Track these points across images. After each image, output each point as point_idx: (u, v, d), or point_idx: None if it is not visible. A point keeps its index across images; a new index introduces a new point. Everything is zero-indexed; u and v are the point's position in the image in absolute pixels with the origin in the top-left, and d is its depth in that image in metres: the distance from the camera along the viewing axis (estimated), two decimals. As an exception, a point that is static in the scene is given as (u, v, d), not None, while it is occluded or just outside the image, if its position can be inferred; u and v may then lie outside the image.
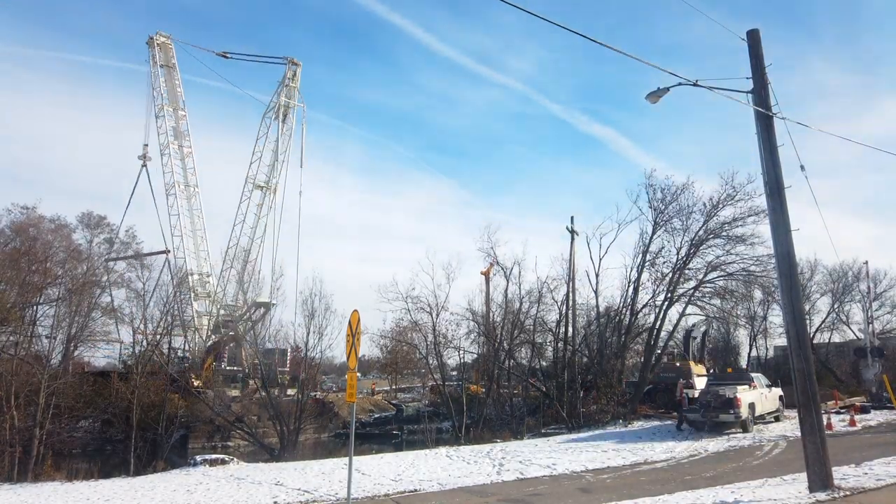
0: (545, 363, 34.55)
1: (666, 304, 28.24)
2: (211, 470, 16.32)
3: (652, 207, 28.62)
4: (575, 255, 31.27)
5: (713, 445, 17.76)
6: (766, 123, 10.69)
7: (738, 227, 26.98)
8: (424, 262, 53.06)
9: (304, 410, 29.06)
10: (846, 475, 11.13)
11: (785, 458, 14.81)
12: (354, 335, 11.17)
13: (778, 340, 43.24)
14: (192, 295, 47.16)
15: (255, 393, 36.18)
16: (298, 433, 28.67)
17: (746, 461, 14.89)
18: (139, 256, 39.81)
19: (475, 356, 37.02)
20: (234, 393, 39.42)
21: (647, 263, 28.72)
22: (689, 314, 30.39)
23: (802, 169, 11.20)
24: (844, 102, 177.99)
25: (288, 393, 34.69)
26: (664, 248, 28.68)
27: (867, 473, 11.54)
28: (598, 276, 29.87)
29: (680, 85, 11.08)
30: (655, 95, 11.57)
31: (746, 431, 19.84)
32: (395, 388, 57.07)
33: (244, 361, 44.25)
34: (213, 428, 34.71)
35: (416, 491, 12.53)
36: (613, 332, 30.52)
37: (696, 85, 10.85)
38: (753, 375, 23.01)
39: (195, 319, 46.37)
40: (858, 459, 13.29)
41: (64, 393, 26.26)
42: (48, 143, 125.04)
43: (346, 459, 14.18)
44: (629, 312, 29.41)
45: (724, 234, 27.37)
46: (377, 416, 44.92)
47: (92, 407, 30.67)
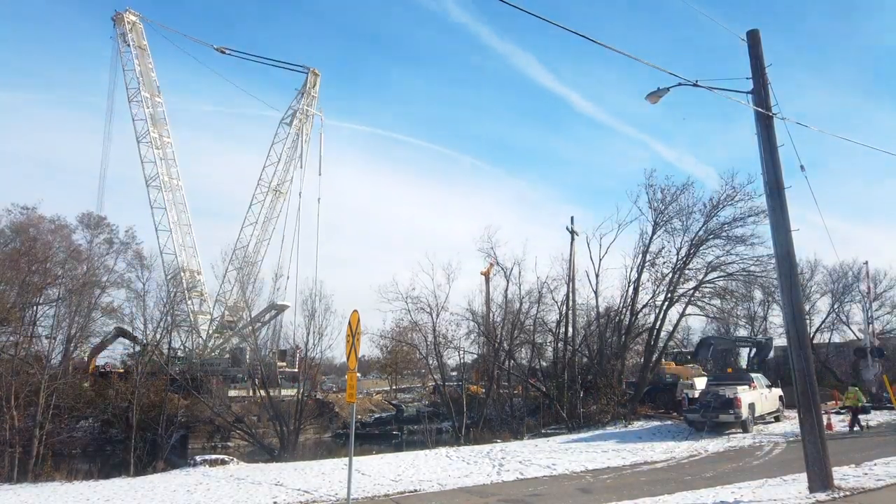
0: (545, 363, 34.56)
1: (666, 304, 28.28)
2: (211, 470, 16.31)
3: (652, 208, 28.65)
4: (575, 255, 31.32)
5: (713, 446, 17.76)
6: (766, 123, 10.69)
7: (738, 227, 27.04)
8: (424, 262, 53.13)
9: (303, 411, 29.08)
10: (846, 475, 11.13)
11: (785, 458, 14.80)
12: (354, 335, 11.17)
13: (778, 341, 43.14)
14: (185, 294, 47.06)
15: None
16: (298, 433, 28.68)
17: (746, 461, 14.88)
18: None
19: (475, 356, 37.06)
20: (233, 393, 39.45)
21: (647, 264, 28.74)
22: (689, 314, 30.45)
23: (802, 169, 11.21)
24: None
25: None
26: (664, 248, 28.72)
27: (867, 474, 11.54)
28: (598, 276, 29.92)
29: (680, 85, 11.07)
30: (655, 95, 11.57)
31: (746, 431, 19.84)
32: (394, 388, 57.06)
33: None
34: (213, 428, 34.72)
35: (416, 491, 12.52)
36: (613, 332, 30.52)
37: (696, 85, 10.85)
38: (753, 376, 23.02)
39: (191, 317, 46.29)
40: (858, 459, 13.29)
41: (64, 393, 26.28)
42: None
43: (345, 460, 14.17)
44: (629, 312, 29.42)
45: (724, 234, 27.40)
46: (377, 416, 44.92)
47: (92, 407, 30.70)
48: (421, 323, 31.97)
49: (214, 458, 17.85)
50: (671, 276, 28.10)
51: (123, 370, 37.01)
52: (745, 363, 43.66)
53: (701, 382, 24.17)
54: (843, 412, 24.81)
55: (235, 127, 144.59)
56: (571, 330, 30.83)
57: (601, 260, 29.51)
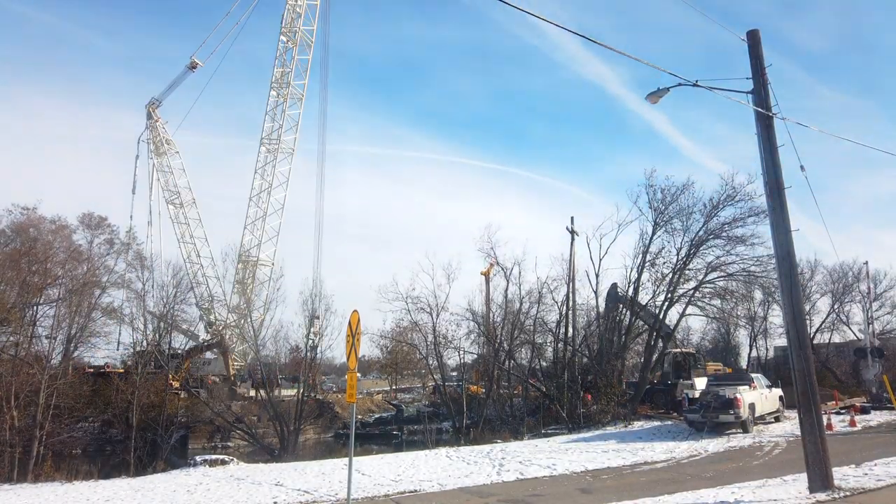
0: (545, 363, 34.55)
1: (666, 304, 28.29)
2: (211, 470, 16.31)
3: (652, 208, 28.64)
4: (575, 255, 31.32)
5: (713, 446, 17.75)
6: (766, 124, 10.68)
7: (738, 227, 27.04)
8: (424, 262, 53.05)
9: (303, 411, 29.09)
10: (846, 475, 11.12)
11: (785, 458, 14.79)
12: (354, 335, 11.17)
13: (778, 341, 43.22)
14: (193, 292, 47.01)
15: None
16: (298, 433, 28.69)
17: (746, 462, 14.88)
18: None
19: (475, 356, 37.05)
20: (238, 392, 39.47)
21: (647, 264, 28.74)
22: (689, 314, 30.47)
23: (802, 169, 11.20)
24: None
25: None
26: (664, 248, 28.70)
27: (867, 474, 11.54)
28: (598, 276, 29.91)
29: (680, 85, 11.08)
30: (655, 96, 11.58)
31: (746, 432, 19.82)
32: (395, 388, 57.07)
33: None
34: (213, 428, 34.74)
35: (416, 491, 12.52)
36: (613, 332, 30.52)
37: (696, 85, 10.86)
38: (753, 376, 23.01)
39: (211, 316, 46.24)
40: (858, 460, 13.28)
41: (64, 393, 26.28)
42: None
43: (345, 460, 14.17)
44: (629, 313, 29.42)
45: (724, 234, 27.39)
46: (377, 416, 44.94)
47: (92, 407, 30.70)
48: (421, 323, 32.03)
49: (214, 458, 17.84)
50: (671, 276, 28.12)
51: (123, 370, 37.03)
52: (745, 363, 43.80)
53: (701, 382, 24.16)
54: (843, 412, 24.83)
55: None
56: (571, 330, 30.86)
57: (601, 260, 29.55)
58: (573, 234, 31.30)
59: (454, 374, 39.93)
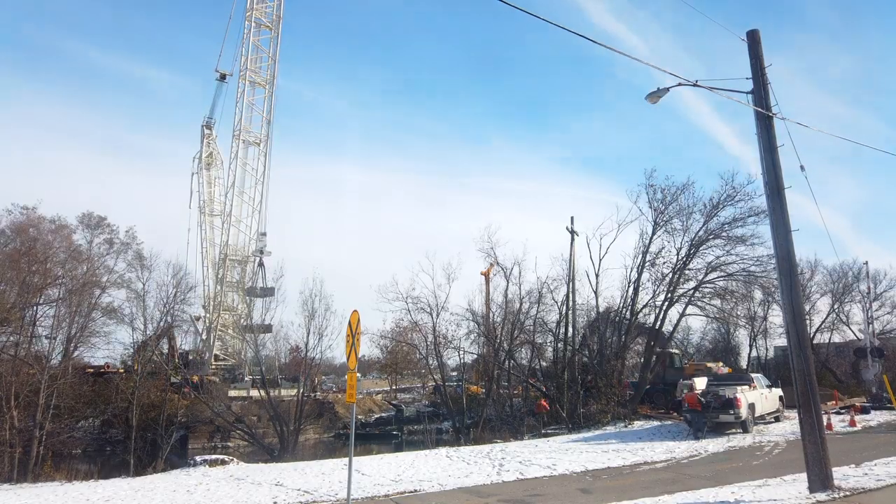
0: (545, 363, 34.56)
1: (666, 304, 28.29)
2: (211, 470, 16.30)
3: (652, 208, 28.63)
4: (575, 255, 31.30)
5: (713, 446, 17.75)
6: (766, 124, 10.69)
7: (738, 227, 27.06)
8: (424, 262, 53.05)
9: (303, 411, 29.10)
10: (846, 475, 11.13)
11: (785, 458, 14.80)
12: (354, 335, 11.16)
13: (778, 341, 43.24)
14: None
15: None
16: (298, 433, 28.70)
17: (746, 461, 14.88)
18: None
19: (475, 356, 37.04)
20: (233, 394, 39.46)
21: (647, 264, 28.73)
22: (689, 314, 30.46)
23: (802, 169, 11.20)
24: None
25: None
26: (664, 248, 28.69)
27: (867, 474, 11.55)
28: (598, 276, 29.87)
29: (680, 85, 11.10)
30: (655, 96, 11.59)
31: (746, 432, 19.83)
32: (394, 388, 57.08)
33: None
34: (212, 428, 34.77)
35: (416, 491, 12.51)
36: (613, 332, 30.52)
37: (696, 85, 10.87)
38: (753, 376, 23.03)
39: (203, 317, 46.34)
40: (858, 459, 13.29)
41: (64, 393, 26.29)
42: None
43: (345, 460, 14.17)
44: (629, 312, 29.43)
45: (724, 234, 27.42)
46: (377, 416, 44.97)
47: (92, 407, 30.72)
48: (421, 323, 32.02)
49: (214, 458, 17.83)
50: (671, 276, 28.12)
51: (123, 370, 37.04)
52: (745, 363, 43.81)
53: (701, 382, 24.16)
54: (843, 412, 24.83)
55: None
56: (571, 330, 30.84)
57: (601, 260, 29.52)
58: (573, 233, 31.29)
59: (454, 374, 39.94)
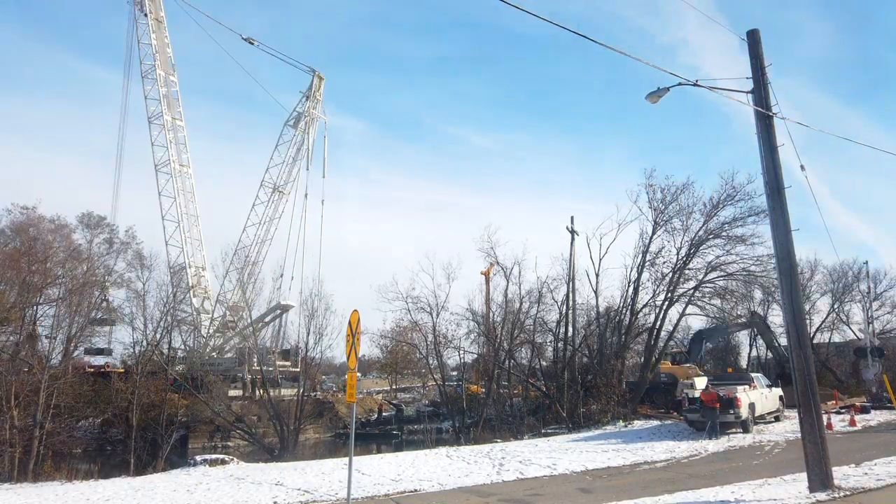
0: (545, 363, 34.56)
1: (666, 304, 28.30)
2: (211, 470, 16.30)
3: (652, 207, 28.64)
4: (575, 255, 31.31)
5: (713, 445, 17.75)
6: (766, 123, 10.69)
7: (738, 227, 27.07)
8: (424, 262, 53.10)
9: (303, 410, 29.10)
10: (846, 475, 11.14)
11: (785, 458, 14.80)
12: (354, 335, 11.16)
13: (778, 340, 43.22)
14: (191, 293, 46.85)
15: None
16: (298, 433, 28.70)
17: (746, 461, 14.89)
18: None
19: (475, 356, 37.06)
20: (233, 393, 39.46)
21: (647, 263, 28.74)
22: (689, 314, 30.47)
23: (802, 169, 11.22)
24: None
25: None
26: (664, 248, 28.71)
27: (867, 473, 11.55)
28: (598, 276, 29.91)
29: (680, 85, 11.10)
30: (655, 95, 11.60)
31: (746, 431, 19.84)
32: (395, 388, 57.07)
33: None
34: (212, 428, 34.76)
35: (416, 491, 12.52)
36: (613, 332, 30.52)
37: (696, 85, 10.88)
38: (753, 376, 23.03)
39: (193, 315, 46.13)
40: (858, 459, 13.29)
41: (64, 393, 26.26)
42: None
43: (345, 459, 14.17)
44: (629, 312, 29.42)
45: (724, 234, 27.42)
46: (377, 416, 44.95)
47: (92, 407, 30.69)
48: (421, 323, 32.03)
49: (214, 457, 17.83)
50: (671, 275, 28.11)
51: (123, 370, 37.04)
52: (745, 362, 43.80)
53: (701, 382, 24.17)
54: (843, 412, 24.83)
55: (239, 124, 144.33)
56: (571, 330, 30.84)
57: (601, 260, 29.56)
58: (573, 233, 31.30)
59: (454, 373, 39.93)
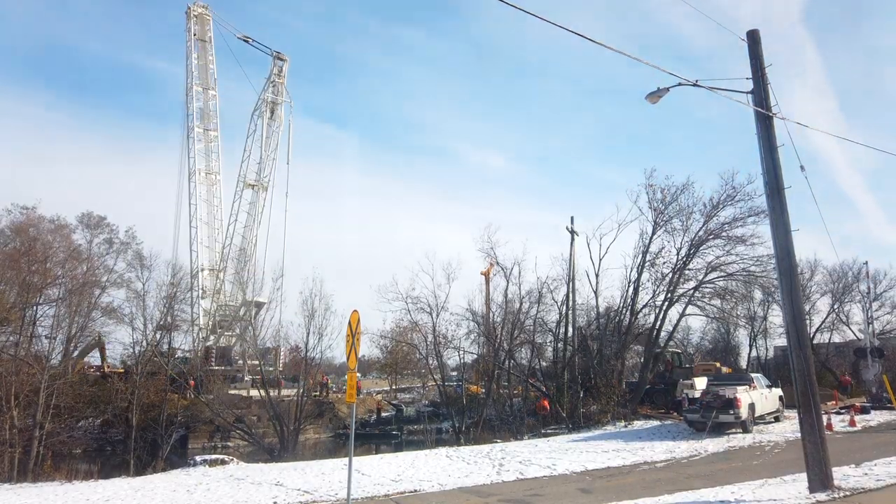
0: (545, 363, 34.55)
1: (666, 304, 28.31)
2: (211, 470, 16.30)
3: (652, 208, 28.66)
4: (575, 255, 31.30)
5: (713, 446, 17.74)
6: (765, 124, 10.68)
7: (738, 227, 27.09)
8: (424, 262, 53.05)
9: (303, 410, 29.10)
10: (846, 475, 11.12)
11: (785, 458, 14.79)
12: (354, 335, 11.16)
13: (778, 340, 43.29)
14: (200, 292, 46.84)
15: None
16: (298, 433, 28.69)
17: (746, 461, 14.88)
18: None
19: (475, 356, 37.06)
20: (232, 393, 39.40)
21: (647, 264, 28.76)
22: (689, 314, 30.47)
23: (802, 169, 11.20)
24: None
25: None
26: (664, 248, 28.74)
27: (867, 474, 11.54)
28: (598, 276, 29.92)
29: (680, 85, 11.09)
30: (655, 96, 11.59)
31: (746, 432, 19.82)
32: (394, 388, 57.06)
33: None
34: (212, 428, 34.75)
35: (416, 491, 12.52)
36: (613, 332, 30.52)
37: (696, 85, 10.87)
38: (753, 376, 23.00)
39: (201, 318, 46.21)
40: (858, 459, 13.28)
41: (64, 393, 26.28)
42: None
43: (345, 459, 14.17)
44: (629, 313, 29.43)
45: (724, 234, 27.43)
46: (377, 416, 44.92)
47: (92, 407, 30.70)
48: (421, 323, 32.01)
49: (214, 458, 17.84)
50: (671, 276, 28.12)
51: (123, 370, 37.05)
52: (745, 363, 43.81)
53: (701, 382, 24.17)
54: (843, 412, 24.82)
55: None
56: (571, 330, 30.82)
57: (601, 260, 29.58)
58: (573, 233, 31.28)
59: (454, 374, 39.92)
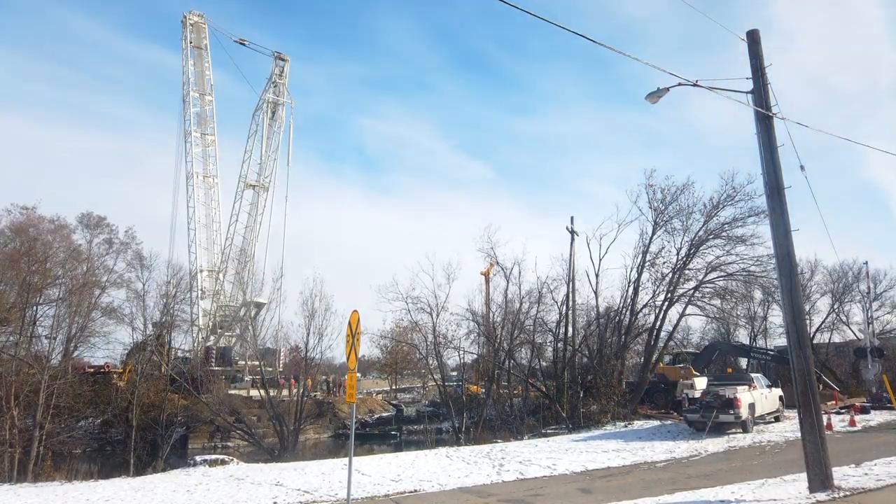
0: (545, 363, 34.54)
1: (666, 304, 28.30)
2: (211, 470, 16.30)
3: (652, 208, 28.66)
4: (575, 255, 31.30)
5: (713, 446, 17.74)
6: (766, 124, 10.68)
7: (738, 227, 27.10)
8: (424, 262, 53.03)
9: (303, 410, 29.09)
10: (846, 475, 11.13)
11: (785, 458, 14.79)
12: (354, 335, 11.16)
13: (778, 341, 43.21)
14: (199, 293, 46.90)
15: None
16: (298, 433, 28.68)
17: (746, 461, 14.88)
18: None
19: (475, 356, 37.05)
20: (232, 393, 39.39)
21: (647, 264, 28.74)
22: (689, 314, 30.46)
23: (802, 169, 11.20)
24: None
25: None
26: (664, 248, 28.73)
27: (867, 474, 11.54)
28: (598, 276, 29.88)
29: (680, 85, 11.08)
30: (655, 96, 11.59)
31: (746, 432, 19.82)
32: (394, 388, 57.06)
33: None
34: (212, 428, 34.76)
35: (416, 491, 12.52)
36: (613, 332, 30.51)
37: (696, 85, 10.86)
38: (753, 376, 23.01)
39: (200, 318, 46.25)
40: (858, 459, 13.28)
41: (64, 393, 26.27)
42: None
43: (345, 460, 14.17)
44: (629, 313, 29.41)
45: (724, 234, 27.44)
46: (377, 416, 44.95)
47: (92, 407, 30.70)
48: (421, 323, 31.98)
49: (214, 458, 17.85)
50: (671, 276, 28.12)
51: (123, 370, 37.02)
52: (745, 363, 43.76)
53: (701, 382, 24.17)
54: (843, 412, 24.82)
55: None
56: (571, 330, 30.83)
57: (601, 260, 29.54)
58: (573, 233, 31.29)
59: (454, 374, 39.92)
